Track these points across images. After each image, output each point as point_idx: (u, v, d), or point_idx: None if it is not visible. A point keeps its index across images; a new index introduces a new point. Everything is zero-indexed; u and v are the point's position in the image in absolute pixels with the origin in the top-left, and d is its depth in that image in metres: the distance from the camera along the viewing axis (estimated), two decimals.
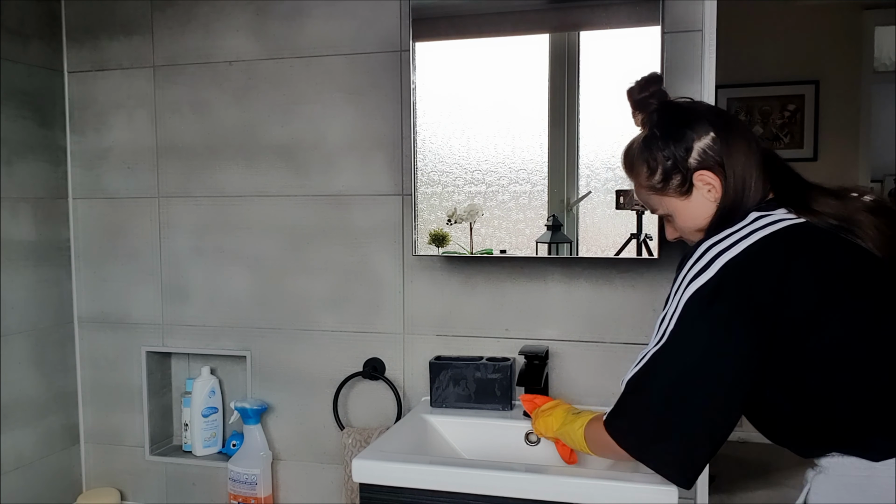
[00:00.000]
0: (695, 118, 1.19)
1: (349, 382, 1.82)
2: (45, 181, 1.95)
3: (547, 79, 1.59)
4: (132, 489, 2.03)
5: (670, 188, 1.21)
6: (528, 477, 1.28)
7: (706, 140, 1.17)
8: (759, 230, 1.09)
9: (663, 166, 1.20)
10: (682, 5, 1.57)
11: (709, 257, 1.09)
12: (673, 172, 1.19)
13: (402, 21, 1.73)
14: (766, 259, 1.07)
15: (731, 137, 1.17)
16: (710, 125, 1.18)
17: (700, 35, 1.57)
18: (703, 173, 1.17)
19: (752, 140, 1.19)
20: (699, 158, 1.17)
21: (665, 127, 1.21)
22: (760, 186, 1.16)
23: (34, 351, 1.91)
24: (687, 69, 1.57)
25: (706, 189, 1.18)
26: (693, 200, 1.20)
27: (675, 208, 1.22)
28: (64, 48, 1.99)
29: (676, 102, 1.25)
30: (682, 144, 1.18)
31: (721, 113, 1.24)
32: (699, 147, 1.17)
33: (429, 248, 1.67)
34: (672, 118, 1.21)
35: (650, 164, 1.21)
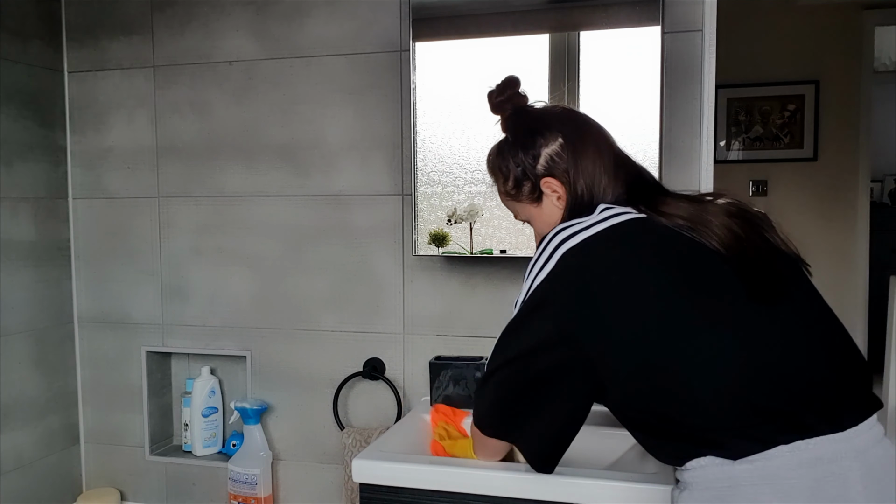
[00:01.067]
0: (544, 124, 1.19)
1: (349, 382, 1.82)
2: (45, 181, 1.95)
3: (547, 79, 1.59)
4: (132, 489, 2.03)
5: (523, 195, 1.21)
6: (528, 477, 1.28)
7: (554, 146, 1.17)
8: (601, 222, 1.08)
9: (514, 173, 1.20)
10: (682, 5, 1.57)
11: (551, 247, 1.08)
12: (523, 180, 1.20)
13: (402, 21, 1.74)
14: (601, 251, 1.05)
15: (578, 143, 1.16)
16: (558, 131, 1.17)
17: (700, 35, 1.57)
18: (548, 180, 1.17)
19: (604, 144, 1.18)
20: (546, 165, 1.17)
21: (516, 133, 1.21)
22: (610, 192, 1.14)
23: (34, 351, 1.92)
24: (687, 69, 1.57)
25: (555, 196, 1.18)
26: (544, 207, 1.20)
27: (530, 214, 1.23)
28: (64, 48, 1.99)
29: (529, 108, 1.24)
30: (530, 151, 1.18)
31: (573, 117, 1.23)
32: (546, 154, 1.17)
33: (429, 248, 1.67)
34: (523, 124, 1.21)
35: (503, 171, 1.22)
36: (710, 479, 0.97)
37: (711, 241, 1.04)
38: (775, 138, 3.61)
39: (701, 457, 0.98)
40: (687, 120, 1.59)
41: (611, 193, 1.14)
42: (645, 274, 1.03)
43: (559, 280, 1.05)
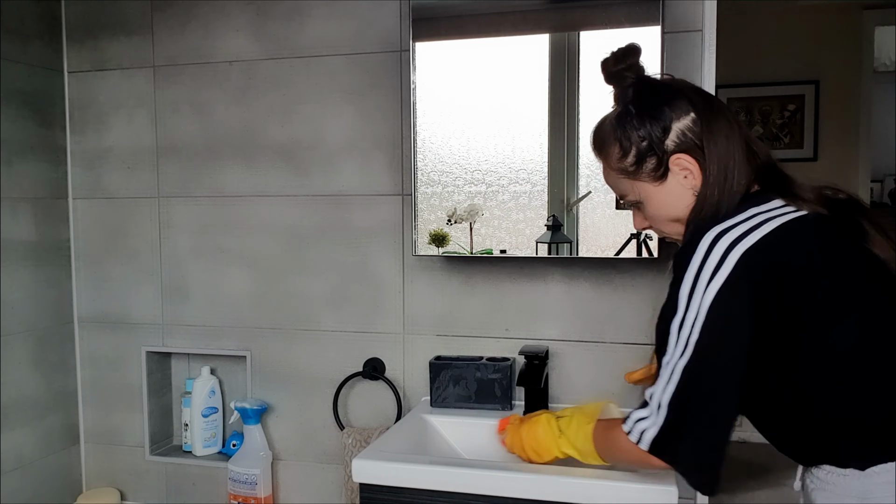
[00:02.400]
0: (675, 96, 1.09)
1: (349, 382, 1.82)
2: (45, 181, 1.95)
3: (547, 79, 1.59)
4: (132, 489, 2.03)
5: (643, 172, 1.11)
6: (528, 477, 1.28)
7: (686, 121, 1.07)
8: (771, 219, 1.01)
9: (637, 147, 1.10)
10: (682, 5, 1.57)
11: (720, 252, 0.99)
12: (648, 154, 1.10)
13: (402, 21, 1.74)
14: (787, 250, 1.00)
15: (713, 120, 1.07)
16: (690, 105, 1.08)
17: (700, 35, 1.57)
18: (680, 157, 1.08)
19: (736, 124, 1.10)
20: (677, 140, 1.08)
21: (641, 104, 1.11)
22: (744, 175, 1.07)
23: (34, 351, 1.91)
24: (687, 69, 1.57)
25: (683, 175, 1.09)
26: (668, 186, 1.10)
27: (648, 194, 1.13)
28: (64, 48, 1.99)
29: (655, 78, 1.15)
30: (658, 124, 1.08)
31: (704, 93, 1.13)
32: (678, 128, 1.08)
33: (429, 248, 1.67)
34: (649, 94, 1.11)
35: (623, 144, 1.12)
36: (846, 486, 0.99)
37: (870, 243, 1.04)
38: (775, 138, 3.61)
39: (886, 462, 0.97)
40: None
41: (744, 177, 1.07)
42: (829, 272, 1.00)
43: (744, 284, 0.99)
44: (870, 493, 0.96)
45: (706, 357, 1.01)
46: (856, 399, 0.98)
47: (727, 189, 1.06)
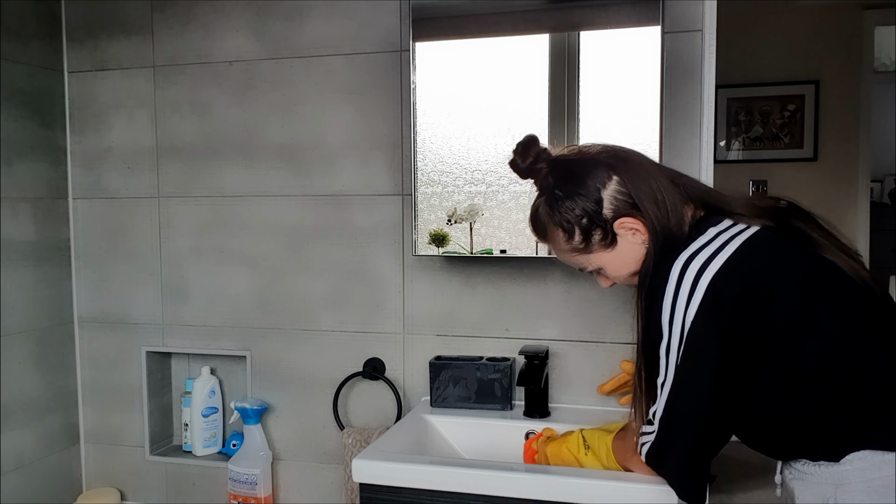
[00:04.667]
0: (591, 166, 1.15)
1: (349, 382, 1.82)
2: (45, 181, 1.95)
3: (547, 79, 1.59)
4: (132, 489, 2.03)
5: (594, 244, 1.16)
6: (528, 477, 1.28)
7: (612, 185, 1.13)
8: (731, 239, 1.07)
9: (579, 226, 1.15)
10: (682, 5, 1.57)
11: (692, 275, 1.05)
12: (592, 229, 1.15)
13: (402, 21, 1.74)
14: (753, 266, 1.06)
15: (632, 172, 1.14)
16: (608, 168, 1.14)
17: (700, 35, 1.57)
18: (623, 220, 1.13)
19: (654, 167, 1.17)
20: (613, 207, 1.13)
21: (565, 186, 1.16)
22: (682, 209, 1.13)
23: (34, 351, 1.91)
24: (687, 69, 1.57)
25: (631, 234, 1.14)
26: (620, 249, 1.16)
27: (605, 261, 1.19)
28: (64, 48, 1.99)
29: (566, 158, 1.19)
30: (590, 198, 1.14)
31: (614, 150, 1.19)
32: (608, 195, 1.13)
33: (429, 248, 1.67)
34: (569, 175, 1.16)
35: (565, 228, 1.17)
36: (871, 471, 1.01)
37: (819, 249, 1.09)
38: (775, 138, 3.61)
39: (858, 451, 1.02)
40: (687, 120, 1.59)
41: (683, 209, 1.13)
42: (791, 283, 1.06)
43: (717, 307, 1.04)
44: (844, 478, 1.03)
45: (684, 380, 1.08)
46: (826, 403, 1.04)
47: (673, 228, 1.12)
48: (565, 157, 1.20)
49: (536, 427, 1.57)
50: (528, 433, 1.56)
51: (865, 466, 1.01)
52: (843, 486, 1.03)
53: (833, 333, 1.04)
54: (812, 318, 1.05)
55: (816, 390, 1.04)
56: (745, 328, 1.04)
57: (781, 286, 1.05)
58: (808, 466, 1.08)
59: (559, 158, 1.19)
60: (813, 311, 1.05)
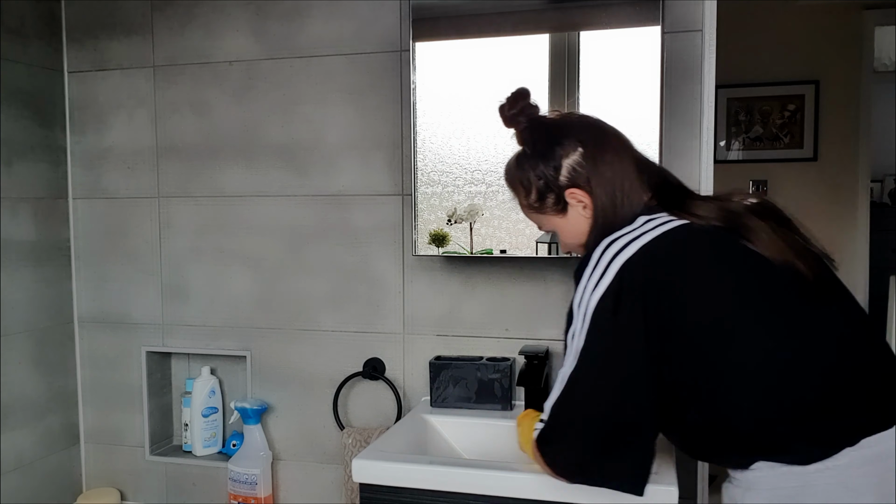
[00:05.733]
0: (563, 134, 1.17)
1: (349, 382, 1.82)
2: (45, 181, 1.95)
3: (547, 79, 1.59)
4: (132, 489, 2.03)
5: (547, 207, 1.19)
6: (528, 477, 1.28)
7: (574, 156, 1.15)
8: (651, 230, 1.06)
9: (536, 186, 1.18)
10: (682, 5, 1.57)
11: (605, 261, 1.05)
12: (547, 192, 1.17)
13: (402, 21, 1.73)
14: (665, 258, 1.04)
15: (599, 151, 1.14)
16: (577, 141, 1.15)
17: (700, 35, 1.57)
18: (573, 191, 1.15)
19: (624, 149, 1.17)
20: (569, 176, 1.15)
21: (535, 145, 1.19)
22: (636, 197, 1.13)
23: (34, 351, 1.91)
24: (687, 69, 1.57)
25: (580, 206, 1.16)
26: (570, 217, 1.18)
27: (556, 226, 1.21)
28: (64, 48, 1.98)
29: (546, 119, 1.22)
30: (551, 163, 1.16)
31: (593, 125, 1.20)
32: (567, 164, 1.15)
33: (429, 248, 1.67)
34: (541, 135, 1.19)
35: (524, 184, 1.20)
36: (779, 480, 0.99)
37: (756, 244, 1.04)
38: (775, 138, 3.61)
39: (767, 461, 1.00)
40: (687, 120, 1.59)
41: (637, 198, 1.13)
42: (705, 277, 1.03)
43: (623, 293, 1.03)
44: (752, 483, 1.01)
45: (583, 365, 1.06)
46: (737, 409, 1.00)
47: (617, 213, 1.12)
48: (545, 118, 1.22)
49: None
50: None
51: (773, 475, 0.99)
52: (750, 490, 1.02)
53: (748, 337, 1.00)
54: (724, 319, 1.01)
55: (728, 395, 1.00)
56: (652, 320, 1.02)
57: (691, 282, 1.03)
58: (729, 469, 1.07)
59: (539, 118, 1.22)
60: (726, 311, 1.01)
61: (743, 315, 1.01)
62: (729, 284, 1.03)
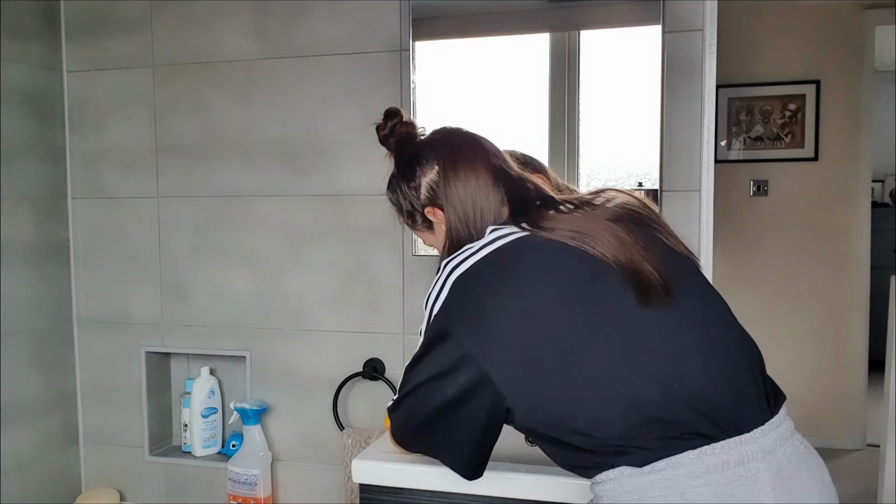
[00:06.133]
0: (423, 153, 1.18)
1: (349, 383, 1.82)
2: (45, 181, 1.95)
3: (547, 78, 1.59)
4: (131, 489, 2.02)
5: (417, 224, 1.22)
6: (528, 477, 1.27)
7: (431, 175, 1.16)
8: (486, 246, 1.06)
9: (404, 206, 1.21)
10: (683, 5, 1.56)
11: (443, 277, 1.07)
12: (413, 211, 1.20)
13: (402, 21, 1.73)
14: (487, 275, 1.04)
15: (453, 169, 1.15)
16: (434, 159, 1.16)
17: (700, 35, 1.57)
18: (430, 209, 1.18)
19: (480, 162, 1.15)
20: (427, 194, 1.17)
21: (399, 166, 1.22)
22: (489, 213, 1.13)
23: (34, 351, 1.91)
24: (687, 69, 1.57)
25: (440, 224, 1.17)
26: (437, 233, 1.20)
27: (430, 241, 1.24)
28: (63, 48, 1.98)
29: (411, 139, 1.22)
30: (412, 183, 1.18)
31: (449, 141, 1.20)
32: (425, 183, 1.17)
33: (429, 247, 1.66)
34: (406, 156, 1.21)
35: (394, 203, 1.24)
36: (620, 492, 0.96)
37: (597, 250, 1.01)
38: (776, 138, 3.61)
39: (610, 468, 0.97)
40: (687, 120, 1.59)
41: (490, 212, 1.13)
42: (530, 293, 1.01)
43: (453, 308, 1.05)
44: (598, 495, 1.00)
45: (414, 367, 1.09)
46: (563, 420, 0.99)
47: (469, 230, 1.12)
48: (413, 137, 1.23)
49: None
50: None
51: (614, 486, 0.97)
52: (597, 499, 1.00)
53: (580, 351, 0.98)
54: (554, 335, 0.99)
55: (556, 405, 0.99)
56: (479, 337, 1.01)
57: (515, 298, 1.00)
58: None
59: (406, 140, 1.22)
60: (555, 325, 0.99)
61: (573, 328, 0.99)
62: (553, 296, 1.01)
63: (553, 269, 1.03)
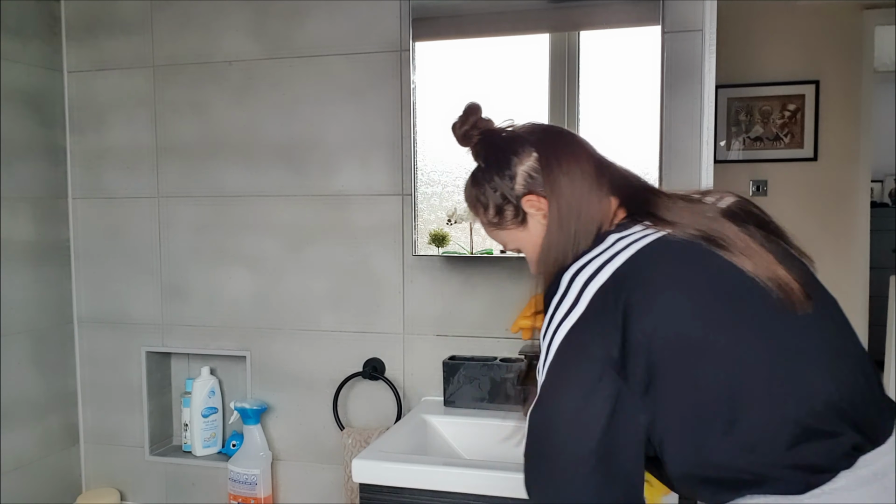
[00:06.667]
0: (518, 142, 1.11)
1: (349, 382, 1.82)
2: (45, 181, 1.95)
3: (547, 79, 1.59)
4: (132, 489, 2.03)
5: (507, 221, 1.12)
6: None
7: (529, 162, 1.08)
8: (623, 250, 0.97)
9: (493, 200, 1.12)
10: (683, 5, 1.57)
11: (578, 287, 0.96)
12: (504, 205, 1.11)
13: (402, 21, 1.73)
14: (635, 281, 0.94)
15: (555, 156, 1.08)
16: (531, 146, 1.10)
17: (700, 35, 1.57)
18: (529, 198, 1.08)
19: (581, 152, 1.10)
20: (524, 183, 1.09)
21: (488, 158, 1.14)
22: (598, 204, 1.05)
23: (34, 351, 1.91)
24: (687, 69, 1.57)
25: (540, 214, 1.08)
26: (531, 229, 1.11)
27: (520, 241, 1.14)
28: (64, 48, 1.98)
29: (497, 130, 1.17)
30: (506, 172, 1.10)
31: (549, 131, 1.14)
32: (522, 171, 1.09)
33: (429, 248, 1.67)
34: (495, 147, 1.13)
35: (481, 200, 1.14)
36: None
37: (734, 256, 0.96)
38: (775, 138, 3.61)
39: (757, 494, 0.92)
40: (687, 120, 1.59)
41: (598, 203, 1.05)
42: (682, 300, 0.94)
43: (595, 320, 0.94)
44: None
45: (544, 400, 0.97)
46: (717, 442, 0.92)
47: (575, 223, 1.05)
48: (497, 130, 1.17)
49: None
50: None
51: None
52: None
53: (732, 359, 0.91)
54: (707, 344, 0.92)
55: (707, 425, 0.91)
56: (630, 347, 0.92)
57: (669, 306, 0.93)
58: None
59: (493, 130, 1.17)
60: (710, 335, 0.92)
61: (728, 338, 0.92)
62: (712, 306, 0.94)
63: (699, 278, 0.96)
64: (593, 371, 0.93)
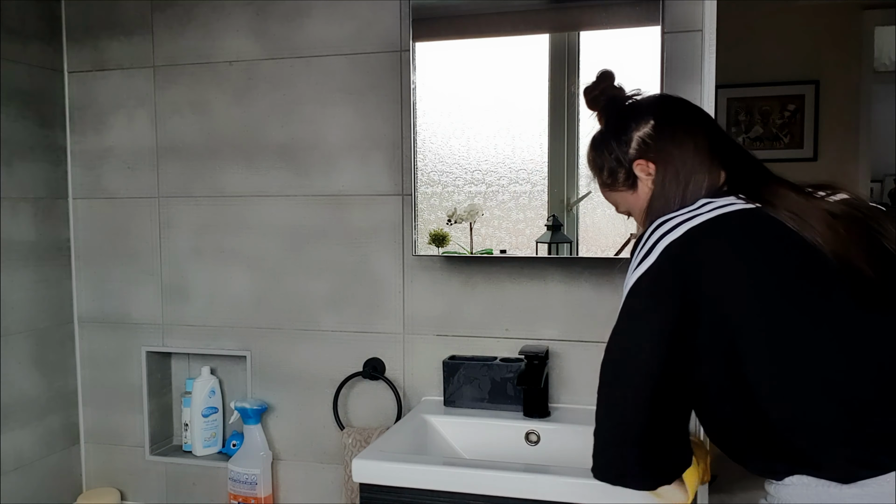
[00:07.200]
0: (638, 110, 1.17)
1: (349, 382, 1.82)
2: (45, 181, 1.95)
3: (547, 79, 1.59)
4: (132, 489, 2.03)
5: (619, 183, 1.18)
6: (528, 477, 1.28)
7: (645, 129, 1.14)
8: (704, 213, 1.01)
9: (608, 163, 1.18)
10: (682, 5, 1.57)
11: (652, 241, 1.02)
12: (618, 168, 1.17)
13: (402, 21, 1.73)
14: (705, 242, 0.99)
15: (670, 125, 1.13)
16: (651, 115, 1.15)
17: (700, 35, 1.57)
18: (639, 162, 1.14)
19: (699, 126, 1.14)
20: (637, 147, 1.14)
21: (609, 122, 1.20)
22: (706, 177, 1.09)
23: (34, 351, 1.91)
24: (687, 69, 1.57)
25: (648, 179, 1.14)
26: (641, 193, 1.16)
27: (630, 204, 1.20)
28: (64, 48, 1.98)
29: (622, 97, 1.22)
30: (623, 137, 1.15)
31: (667, 101, 1.21)
32: (637, 137, 1.14)
33: (429, 248, 1.67)
34: (617, 113, 1.19)
35: (597, 162, 1.20)
36: (812, 497, 0.93)
37: (816, 240, 0.98)
38: (775, 138, 3.61)
39: (804, 475, 0.94)
40: None
41: (705, 175, 1.09)
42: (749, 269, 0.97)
43: (662, 274, 0.99)
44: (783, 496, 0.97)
45: (613, 348, 1.04)
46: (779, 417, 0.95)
47: (680, 191, 1.09)
48: (623, 97, 1.22)
49: (535, 427, 1.57)
50: (527, 433, 1.57)
51: (806, 493, 0.94)
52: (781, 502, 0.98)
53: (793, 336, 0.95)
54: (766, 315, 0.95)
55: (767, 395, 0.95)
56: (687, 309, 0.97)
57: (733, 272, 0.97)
58: None
59: (617, 98, 1.22)
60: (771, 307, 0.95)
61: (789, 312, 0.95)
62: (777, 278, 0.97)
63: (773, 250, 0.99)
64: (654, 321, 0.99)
